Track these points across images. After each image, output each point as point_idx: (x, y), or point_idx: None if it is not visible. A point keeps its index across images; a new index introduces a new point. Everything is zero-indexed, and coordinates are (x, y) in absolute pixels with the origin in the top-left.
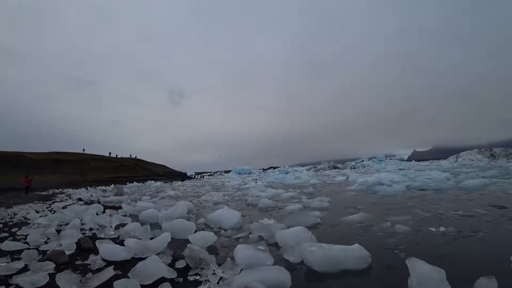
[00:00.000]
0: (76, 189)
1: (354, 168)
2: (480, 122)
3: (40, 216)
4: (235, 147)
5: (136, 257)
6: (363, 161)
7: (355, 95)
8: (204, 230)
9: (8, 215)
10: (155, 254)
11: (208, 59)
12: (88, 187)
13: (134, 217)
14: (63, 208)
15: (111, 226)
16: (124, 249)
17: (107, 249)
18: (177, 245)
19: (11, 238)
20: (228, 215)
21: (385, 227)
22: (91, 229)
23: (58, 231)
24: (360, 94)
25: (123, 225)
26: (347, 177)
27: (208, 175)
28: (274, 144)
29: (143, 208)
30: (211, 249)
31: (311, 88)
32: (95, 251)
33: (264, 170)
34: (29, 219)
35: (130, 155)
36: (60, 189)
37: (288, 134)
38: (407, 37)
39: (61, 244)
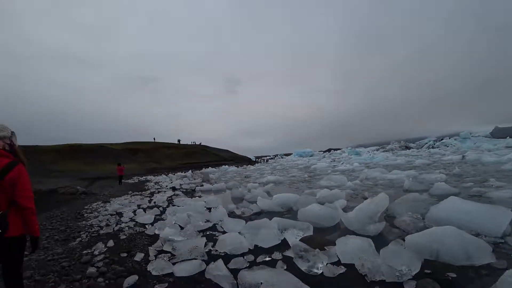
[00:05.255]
0: (156, 176)
1: (432, 147)
2: None
3: (156, 216)
4: (292, 131)
5: None
6: (442, 139)
7: (420, 66)
8: None
9: (112, 216)
10: None
11: (262, 45)
12: (169, 174)
13: (272, 215)
14: (169, 201)
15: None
16: None
17: None
18: None
19: None
20: (485, 213)
21: None
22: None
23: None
24: (425, 65)
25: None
26: (463, 156)
27: (269, 159)
28: (331, 126)
29: (291, 201)
30: None
31: (369, 63)
32: None
33: (324, 152)
34: (145, 226)
35: (194, 142)
36: (144, 177)
37: (345, 115)
38: None
39: None
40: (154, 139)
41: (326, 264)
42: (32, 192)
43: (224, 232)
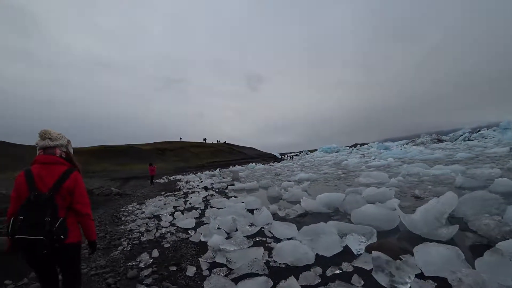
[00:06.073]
0: (184, 175)
1: (468, 139)
2: None
3: (196, 220)
4: (316, 127)
5: None
6: (479, 130)
7: (447, 54)
8: None
9: (150, 219)
10: None
11: (283, 40)
12: (198, 173)
13: (319, 216)
14: (206, 202)
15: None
16: None
17: None
18: None
19: None
20: None
21: None
22: None
23: None
24: (456, 52)
25: None
26: (510, 148)
27: (294, 155)
28: (356, 120)
29: (337, 201)
30: None
31: (395, 54)
32: None
33: (350, 147)
34: (187, 231)
35: (218, 141)
36: (174, 177)
37: (371, 108)
38: None
39: None
40: (181, 138)
41: (413, 279)
42: (88, 198)
43: (274, 238)
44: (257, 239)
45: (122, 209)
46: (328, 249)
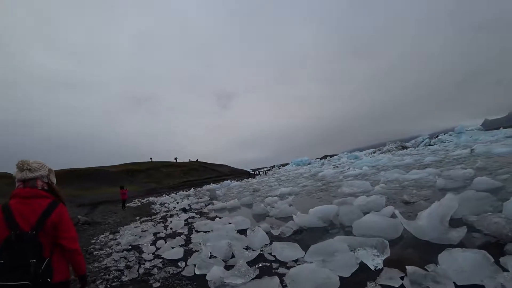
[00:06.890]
0: (158, 196)
1: (429, 145)
2: None
3: (183, 248)
4: (285, 141)
5: None
6: (437, 136)
7: (404, 67)
8: None
9: (129, 252)
10: None
11: (250, 60)
12: (172, 193)
13: (316, 231)
14: (189, 226)
15: None
16: None
17: None
18: None
19: None
20: None
21: None
22: None
23: None
24: (409, 66)
25: None
26: (471, 149)
27: (267, 170)
28: (324, 133)
29: (331, 213)
30: None
31: (354, 69)
32: None
33: (320, 159)
34: (177, 264)
35: (190, 159)
36: (146, 199)
37: (336, 121)
38: None
39: None
40: (151, 158)
41: None
42: (75, 231)
43: (279, 262)
44: (260, 264)
45: (93, 241)
46: (345, 268)
